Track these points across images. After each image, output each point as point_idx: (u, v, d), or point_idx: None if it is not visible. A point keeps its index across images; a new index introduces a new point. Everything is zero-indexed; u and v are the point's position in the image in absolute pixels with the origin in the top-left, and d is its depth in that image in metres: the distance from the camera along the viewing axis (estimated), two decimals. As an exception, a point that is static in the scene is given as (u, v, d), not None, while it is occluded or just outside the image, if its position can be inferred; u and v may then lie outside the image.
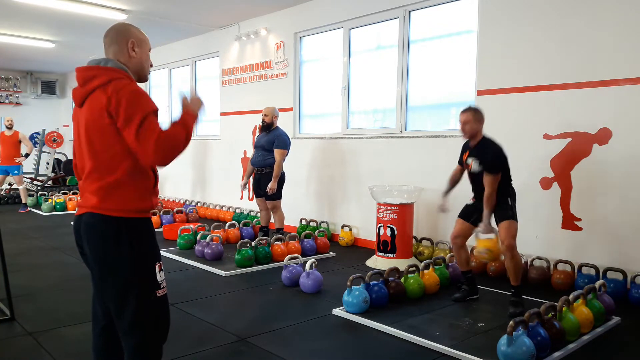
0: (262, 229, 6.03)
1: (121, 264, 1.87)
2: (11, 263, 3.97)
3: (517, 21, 4.67)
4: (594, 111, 4.23)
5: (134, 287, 1.88)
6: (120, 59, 1.98)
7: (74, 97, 1.96)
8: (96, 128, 1.85)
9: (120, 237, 1.86)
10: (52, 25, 8.15)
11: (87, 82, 1.89)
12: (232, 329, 3.34)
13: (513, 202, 3.67)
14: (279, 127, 5.89)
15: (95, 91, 1.86)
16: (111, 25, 2.08)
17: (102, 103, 1.81)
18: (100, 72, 1.89)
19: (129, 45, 1.99)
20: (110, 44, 1.99)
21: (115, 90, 1.81)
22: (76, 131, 1.97)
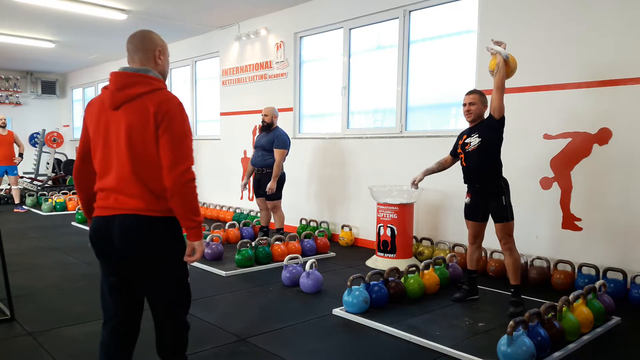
0: (262, 229, 6.03)
1: (171, 257, 2.08)
2: (11, 263, 3.97)
3: (517, 21, 4.67)
4: (594, 111, 4.23)
5: (181, 275, 2.12)
6: (147, 65, 2.09)
7: (107, 98, 2.01)
8: (141, 133, 1.96)
9: (169, 235, 2.05)
10: (52, 25, 8.15)
11: (127, 87, 1.99)
12: (232, 329, 3.34)
13: (507, 199, 3.67)
14: (279, 127, 5.88)
15: (139, 98, 1.98)
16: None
17: (149, 110, 1.95)
18: (143, 80, 2.01)
19: (156, 54, 2.12)
20: (136, 51, 2.09)
21: (163, 101, 1.98)
22: (103, 131, 2.02)
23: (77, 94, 13.73)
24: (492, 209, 3.68)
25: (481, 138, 3.66)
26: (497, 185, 3.67)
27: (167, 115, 1.96)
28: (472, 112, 3.70)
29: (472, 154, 3.71)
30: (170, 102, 1.99)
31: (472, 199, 3.82)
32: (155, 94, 1.99)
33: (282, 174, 5.75)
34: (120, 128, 1.98)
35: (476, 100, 3.70)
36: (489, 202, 3.69)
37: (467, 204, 3.88)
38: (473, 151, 3.70)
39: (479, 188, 3.75)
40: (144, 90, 1.99)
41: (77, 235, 6.66)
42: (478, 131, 3.70)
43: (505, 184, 3.72)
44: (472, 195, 3.82)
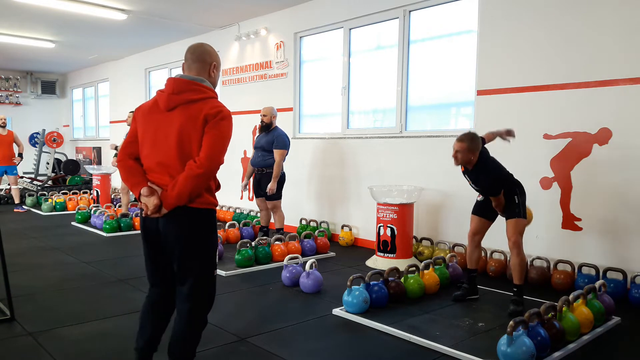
0: (262, 228, 6.03)
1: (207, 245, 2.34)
2: (11, 263, 3.97)
3: (517, 21, 4.67)
4: (594, 111, 4.23)
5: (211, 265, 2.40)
6: (202, 76, 2.33)
7: (163, 101, 2.27)
8: (190, 133, 2.21)
9: (209, 225, 2.35)
10: (52, 25, 8.15)
11: (184, 92, 2.25)
12: (232, 329, 3.34)
13: (521, 198, 3.69)
14: (278, 127, 5.88)
15: (194, 103, 2.24)
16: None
17: (202, 113, 2.20)
18: (198, 87, 2.27)
19: (211, 67, 2.37)
20: (195, 61, 2.34)
21: (216, 106, 2.24)
22: (153, 130, 2.28)
23: (77, 94, 13.73)
24: (505, 210, 3.69)
25: (479, 187, 3.74)
26: (510, 193, 3.69)
27: (217, 117, 2.21)
28: (458, 159, 3.67)
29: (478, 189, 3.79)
30: (222, 109, 2.25)
31: (485, 200, 3.85)
32: (208, 101, 2.25)
33: (282, 174, 5.74)
34: (173, 128, 2.23)
35: (463, 149, 3.60)
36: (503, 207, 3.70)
37: (479, 201, 3.90)
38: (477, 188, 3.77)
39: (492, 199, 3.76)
40: (199, 97, 2.25)
41: (77, 235, 6.66)
42: (475, 182, 3.73)
43: (519, 186, 3.73)
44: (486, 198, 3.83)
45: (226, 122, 2.26)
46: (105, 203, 8.59)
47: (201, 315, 2.41)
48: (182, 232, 2.28)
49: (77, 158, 13.25)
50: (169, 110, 2.26)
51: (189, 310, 2.35)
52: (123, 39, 8.97)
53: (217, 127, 2.22)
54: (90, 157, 12.73)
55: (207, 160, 2.20)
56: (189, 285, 2.33)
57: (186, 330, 2.37)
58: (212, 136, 2.21)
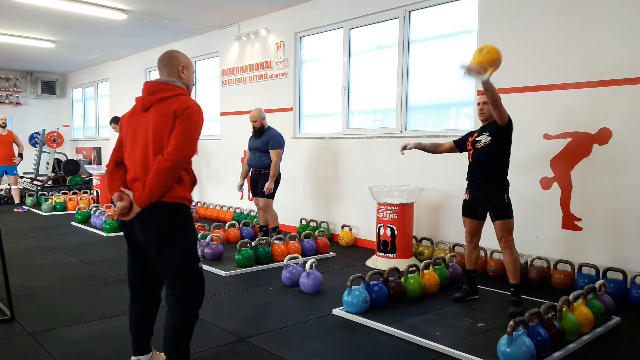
0: (261, 228, 6.02)
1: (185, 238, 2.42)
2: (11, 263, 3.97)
3: (517, 21, 4.67)
4: (594, 111, 4.23)
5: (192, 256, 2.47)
6: (173, 77, 2.50)
7: (140, 102, 2.45)
8: (164, 129, 2.33)
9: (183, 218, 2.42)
10: (52, 25, 8.15)
11: (156, 92, 2.42)
12: (232, 329, 3.34)
13: (508, 197, 3.68)
14: (271, 127, 5.84)
15: (165, 100, 2.38)
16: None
17: (171, 109, 2.33)
18: (170, 87, 2.44)
19: (179, 69, 2.53)
20: (164, 66, 2.53)
21: (185, 102, 2.37)
22: (132, 132, 2.44)
23: (77, 94, 13.73)
24: (492, 206, 3.68)
25: (491, 137, 3.68)
26: (499, 183, 3.68)
27: (186, 112, 2.34)
28: (485, 111, 3.73)
29: (481, 151, 3.73)
30: (190, 104, 2.37)
31: (470, 196, 3.83)
32: (178, 98, 2.40)
33: (278, 173, 5.73)
34: (149, 126, 2.37)
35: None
36: (489, 199, 3.69)
37: (465, 201, 3.88)
38: (482, 148, 3.72)
39: (482, 183, 3.73)
40: (169, 94, 2.40)
41: (77, 235, 6.67)
42: (489, 130, 3.73)
43: (508, 184, 3.72)
44: (471, 192, 3.82)
45: (194, 116, 2.37)
46: (105, 203, 8.59)
47: (189, 309, 2.47)
48: (157, 228, 2.36)
49: (77, 158, 13.25)
50: (144, 110, 2.43)
51: (177, 304, 2.42)
52: (123, 39, 8.97)
53: (185, 122, 2.33)
54: (90, 157, 12.73)
55: (174, 152, 2.29)
56: (173, 280, 2.41)
57: (176, 324, 2.44)
58: (179, 130, 2.32)
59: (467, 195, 3.87)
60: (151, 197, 2.30)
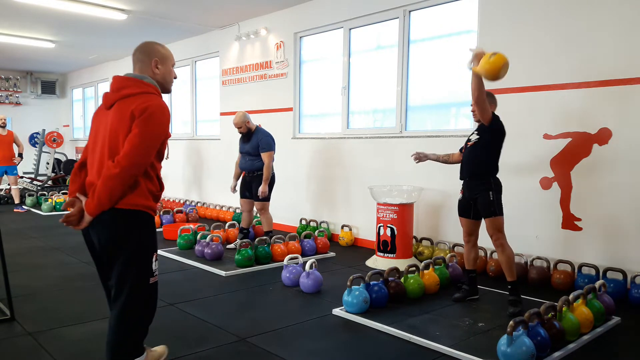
0: (242, 230, 5.88)
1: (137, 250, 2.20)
2: (11, 263, 3.97)
3: (517, 21, 4.67)
4: (594, 111, 4.23)
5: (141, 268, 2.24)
6: (146, 74, 2.29)
7: (104, 99, 2.25)
8: (120, 131, 2.12)
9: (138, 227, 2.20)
10: (52, 25, 8.15)
11: (121, 89, 2.21)
12: (232, 329, 3.34)
13: (496, 196, 3.68)
14: (259, 128, 5.70)
15: (127, 98, 2.17)
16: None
17: (131, 107, 2.12)
18: (135, 83, 2.23)
19: (153, 64, 2.31)
20: (137, 61, 2.32)
21: (145, 101, 2.14)
22: (94, 131, 2.27)
23: (77, 94, 13.73)
24: (480, 205, 3.69)
25: (479, 136, 3.74)
26: (486, 182, 3.70)
27: (145, 113, 2.11)
28: (476, 112, 3.73)
29: (470, 149, 3.80)
30: (150, 104, 2.13)
31: (463, 195, 3.87)
32: (141, 97, 2.17)
33: (272, 175, 5.60)
34: (108, 125, 2.17)
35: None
36: (476, 197, 3.72)
37: (460, 200, 3.91)
38: (470, 146, 3.79)
39: (468, 181, 3.79)
40: (133, 92, 2.19)
41: (77, 235, 6.64)
42: (478, 129, 3.78)
43: (496, 182, 3.73)
44: (464, 191, 3.86)
45: (155, 118, 2.13)
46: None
47: (128, 327, 2.24)
48: (107, 236, 2.17)
49: (77, 158, 13.25)
50: (108, 108, 2.23)
51: (115, 319, 2.23)
52: (123, 39, 8.97)
53: (142, 124, 2.10)
54: (90, 157, 12.71)
55: (125, 158, 2.07)
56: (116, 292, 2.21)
57: (114, 342, 2.24)
58: (134, 134, 2.09)
59: (461, 194, 3.90)
60: (101, 206, 2.09)
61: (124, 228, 2.16)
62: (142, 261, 2.22)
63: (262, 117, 7.37)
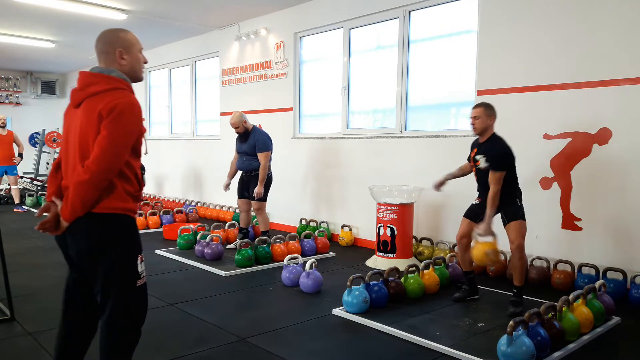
0: (241, 230, 5.90)
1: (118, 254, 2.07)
2: (11, 263, 3.97)
3: (517, 21, 4.67)
4: (594, 111, 4.23)
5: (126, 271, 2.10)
6: (112, 67, 2.11)
7: (72, 97, 2.09)
8: (90, 133, 1.98)
9: (117, 231, 2.06)
10: (52, 25, 8.15)
11: (88, 86, 2.04)
12: (232, 329, 3.34)
13: (521, 203, 3.67)
14: (256, 128, 5.70)
15: (95, 96, 2.01)
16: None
17: (98, 107, 1.97)
18: (102, 80, 2.05)
19: (117, 55, 2.10)
20: (100, 54, 2.13)
21: (114, 99, 1.98)
22: (66, 130, 2.12)
23: (77, 94, 13.71)
24: (506, 212, 3.66)
25: (489, 163, 3.63)
26: (512, 196, 3.65)
27: (114, 112, 1.95)
28: (476, 126, 3.69)
29: (483, 173, 3.71)
30: (119, 102, 1.97)
31: (481, 203, 3.79)
32: (109, 94, 2.00)
33: (269, 175, 5.60)
34: (77, 126, 2.04)
35: (480, 114, 3.66)
36: (502, 208, 3.67)
37: (474, 205, 3.86)
38: (483, 171, 3.70)
39: None
40: (101, 89, 2.02)
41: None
42: (485, 153, 3.67)
43: (520, 192, 3.72)
44: (483, 200, 3.75)
45: (125, 117, 1.98)
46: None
47: (120, 333, 2.12)
48: (85, 243, 2.04)
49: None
50: (76, 107, 2.07)
51: (106, 327, 2.11)
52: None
53: (111, 124, 1.95)
54: (90, 157, 12.72)
55: (95, 163, 1.92)
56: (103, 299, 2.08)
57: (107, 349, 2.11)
58: (103, 136, 1.95)
59: (478, 201, 3.84)
60: (74, 212, 1.96)
61: (102, 233, 2.03)
62: (125, 265, 2.09)
63: (262, 117, 7.37)
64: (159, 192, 10.03)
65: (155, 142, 10.09)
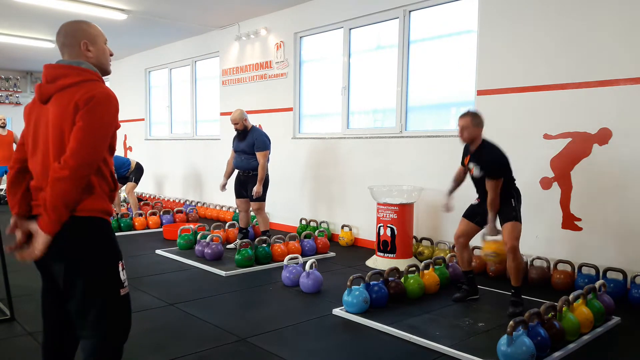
0: (241, 230, 5.89)
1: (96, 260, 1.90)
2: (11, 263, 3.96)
3: (517, 21, 4.67)
4: (594, 111, 4.23)
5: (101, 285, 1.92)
6: (78, 59, 1.96)
7: (38, 92, 1.92)
8: (65, 127, 1.83)
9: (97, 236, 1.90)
10: (52, 25, 8.14)
11: (56, 80, 1.89)
12: (232, 329, 3.34)
13: (517, 203, 3.66)
14: (255, 128, 5.69)
15: (68, 89, 1.86)
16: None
17: (74, 98, 1.83)
18: (73, 71, 1.90)
19: (82, 47, 1.96)
20: (63, 47, 1.98)
21: (89, 90, 1.84)
22: (33, 128, 1.95)
23: (77, 94, 13.71)
24: (501, 213, 3.66)
25: (483, 171, 3.65)
26: (507, 197, 3.65)
27: (90, 104, 1.82)
28: (464, 137, 3.69)
29: (478, 179, 3.72)
30: (95, 93, 1.85)
31: (480, 204, 3.81)
32: (83, 85, 1.87)
33: (267, 175, 5.59)
34: (48, 122, 1.88)
35: (468, 124, 3.63)
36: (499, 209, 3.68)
37: (474, 205, 3.87)
38: (478, 178, 3.71)
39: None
40: (73, 81, 1.88)
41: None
42: (478, 162, 3.68)
43: (517, 192, 3.71)
44: (482, 201, 3.78)
45: (102, 108, 1.84)
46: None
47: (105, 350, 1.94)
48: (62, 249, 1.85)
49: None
50: (44, 102, 1.92)
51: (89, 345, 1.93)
52: (123, 39, 8.96)
53: (87, 116, 1.81)
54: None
55: (72, 157, 1.77)
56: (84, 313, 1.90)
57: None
58: (79, 127, 1.80)
59: (478, 201, 3.85)
60: (58, 217, 1.78)
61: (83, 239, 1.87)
62: (109, 273, 1.92)
63: (262, 117, 7.38)
64: (159, 192, 10.03)
65: (155, 142, 10.09)
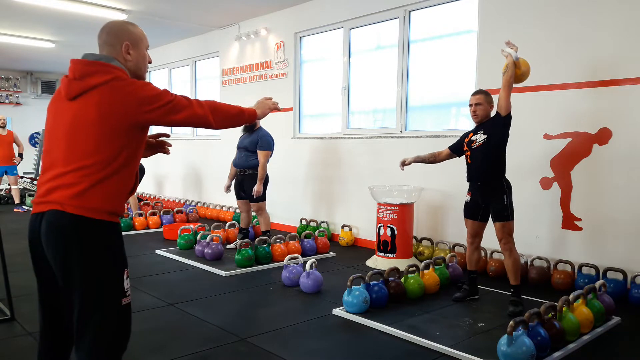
0: (241, 230, 5.87)
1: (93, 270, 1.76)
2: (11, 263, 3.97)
3: (517, 21, 4.67)
4: (594, 111, 4.23)
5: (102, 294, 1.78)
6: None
7: (64, 88, 1.83)
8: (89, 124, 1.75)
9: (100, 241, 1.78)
10: (52, 25, 8.15)
11: (86, 77, 1.79)
12: (232, 329, 3.34)
13: (509, 199, 3.66)
14: (262, 128, 5.68)
15: (97, 88, 1.77)
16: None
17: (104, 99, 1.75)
18: (103, 68, 1.80)
19: (124, 49, 1.89)
20: (103, 45, 1.90)
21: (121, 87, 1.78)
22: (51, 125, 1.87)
23: (77, 94, 13.71)
24: (493, 208, 3.67)
25: (487, 135, 3.69)
26: (499, 184, 3.67)
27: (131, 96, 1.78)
28: (477, 113, 3.72)
29: (478, 150, 3.72)
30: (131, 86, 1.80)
31: (472, 198, 3.82)
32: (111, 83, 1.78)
33: (266, 175, 5.58)
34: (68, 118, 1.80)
35: (482, 101, 3.72)
36: (490, 201, 3.69)
37: (467, 202, 3.88)
38: (479, 147, 3.72)
39: (481, 186, 3.74)
40: (103, 80, 1.77)
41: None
42: (484, 128, 3.74)
43: (508, 184, 3.71)
44: (473, 194, 3.81)
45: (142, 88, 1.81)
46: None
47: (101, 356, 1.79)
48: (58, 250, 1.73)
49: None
50: (71, 99, 1.81)
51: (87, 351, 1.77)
52: (123, 39, 8.96)
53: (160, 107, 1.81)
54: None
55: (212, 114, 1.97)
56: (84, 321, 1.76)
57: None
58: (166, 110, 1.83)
59: (468, 196, 3.86)
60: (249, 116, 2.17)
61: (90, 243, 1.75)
62: (113, 281, 1.79)
63: (262, 117, 7.37)
64: (159, 192, 10.03)
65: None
